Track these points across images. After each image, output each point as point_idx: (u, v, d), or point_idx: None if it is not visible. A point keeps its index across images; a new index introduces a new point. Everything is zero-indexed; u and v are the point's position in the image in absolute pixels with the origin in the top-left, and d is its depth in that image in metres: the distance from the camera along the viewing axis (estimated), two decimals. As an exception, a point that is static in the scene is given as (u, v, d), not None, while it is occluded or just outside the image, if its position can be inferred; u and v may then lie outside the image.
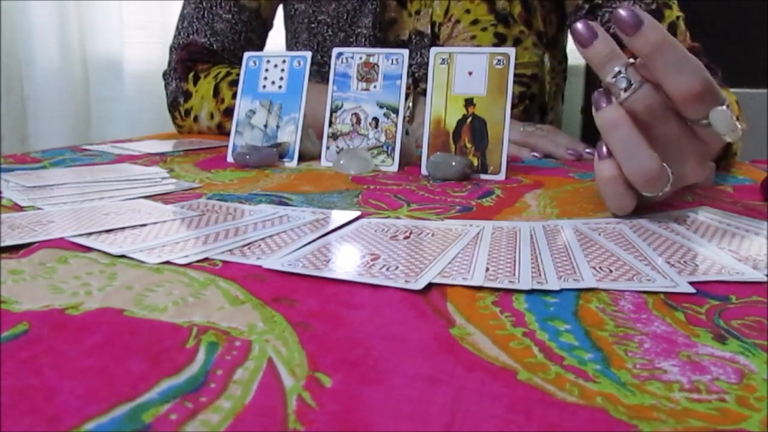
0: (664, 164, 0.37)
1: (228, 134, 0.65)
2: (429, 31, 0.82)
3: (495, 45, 0.81)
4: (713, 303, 0.26)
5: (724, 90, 0.64)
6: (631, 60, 0.38)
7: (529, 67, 0.84)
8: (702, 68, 0.36)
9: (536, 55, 0.85)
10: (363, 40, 0.83)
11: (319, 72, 0.87)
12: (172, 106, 0.89)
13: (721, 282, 0.28)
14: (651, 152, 0.37)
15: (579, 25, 0.38)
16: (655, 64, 0.36)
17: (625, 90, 0.37)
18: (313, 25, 0.88)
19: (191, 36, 0.89)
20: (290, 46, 0.95)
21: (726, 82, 0.72)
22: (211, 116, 0.84)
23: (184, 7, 0.91)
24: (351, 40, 0.85)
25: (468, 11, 0.81)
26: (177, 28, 0.91)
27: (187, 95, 0.86)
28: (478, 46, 0.81)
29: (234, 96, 0.65)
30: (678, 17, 0.76)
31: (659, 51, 0.35)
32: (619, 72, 0.37)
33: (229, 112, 0.80)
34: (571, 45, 0.97)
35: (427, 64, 0.82)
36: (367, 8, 0.83)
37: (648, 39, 0.35)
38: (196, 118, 0.86)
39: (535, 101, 0.87)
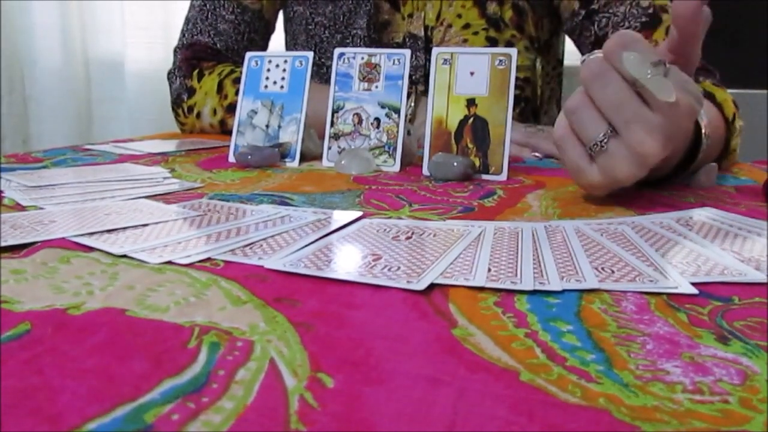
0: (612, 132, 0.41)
1: (230, 132, 0.65)
2: (422, 35, 0.83)
3: None
4: (716, 304, 0.26)
5: (721, 90, 0.64)
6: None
7: (521, 70, 0.84)
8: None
9: (528, 59, 0.85)
10: (359, 41, 0.84)
11: (317, 73, 0.87)
12: (176, 104, 0.90)
13: (724, 283, 0.28)
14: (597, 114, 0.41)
15: None
16: None
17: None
18: (310, 27, 0.88)
19: (195, 36, 0.89)
20: (289, 47, 0.96)
21: (725, 83, 0.72)
22: (214, 112, 0.84)
23: (188, 11, 0.92)
24: (347, 41, 0.85)
25: (460, 16, 0.82)
26: (181, 30, 0.92)
27: (191, 92, 0.87)
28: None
29: (237, 93, 0.65)
30: None
31: None
32: None
33: (232, 109, 0.80)
34: (568, 48, 0.98)
35: (422, 66, 0.83)
36: (362, 10, 0.83)
37: None
38: (198, 115, 0.86)
39: (528, 104, 0.87)
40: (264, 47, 0.95)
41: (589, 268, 0.29)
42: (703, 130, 0.50)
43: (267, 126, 0.63)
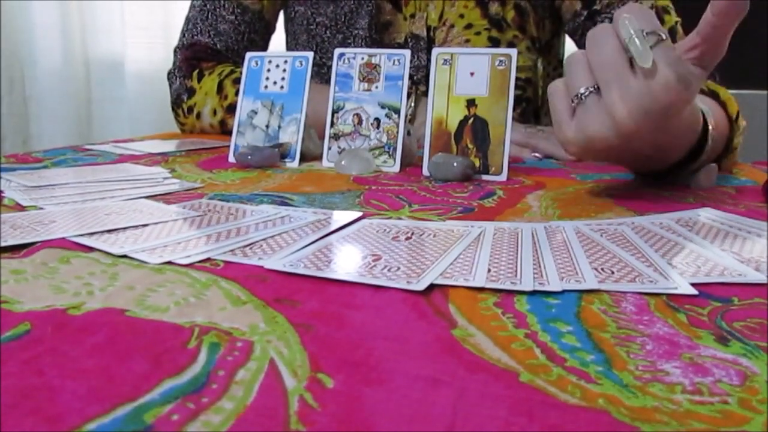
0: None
1: (230, 132, 0.65)
2: (425, 35, 0.83)
3: None
4: (715, 305, 0.26)
5: (720, 88, 0.64)
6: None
7: (523, 71, 0.84)
8: None
9: (530, 59, 0.85)
10: (360, 41, 0.84)
11: (318, 73, 0.87)
12: (176, 104, 0.90)
13: (724, 284, 0.28)
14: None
15: None
16: None
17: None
18: (311, 27, 0.88)
19: (195, 37, 0.89)
20: (290, 47, 0.96)
21: (726, 84, 0.72)
22: (214, 112, 0.84)
23: (189, 11, 0.92)
24: (349, 41, 0.85)
25: (462, 16, 0.82)
26: (182, 31, 0.92)
27: (191, 92, 0.87)
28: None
29: (237, 93, 0.65)
30: (677, 22, 0.76)
31: None
32: None
33: (232, 109, 0.80)
34: (568, 49, 0.98)
35: (424, 66, 0.83)
36: (363, 10, 0.83)
37: None
38: (198, 115, 0.86)
39: (530, 105, 0.88)
40: (264, 48, 0.95)
41: (589, 269, 0.29)
42: (710, 129, 0.50)
43: (267, 126, 0.63)
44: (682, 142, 0.49)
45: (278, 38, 0.98)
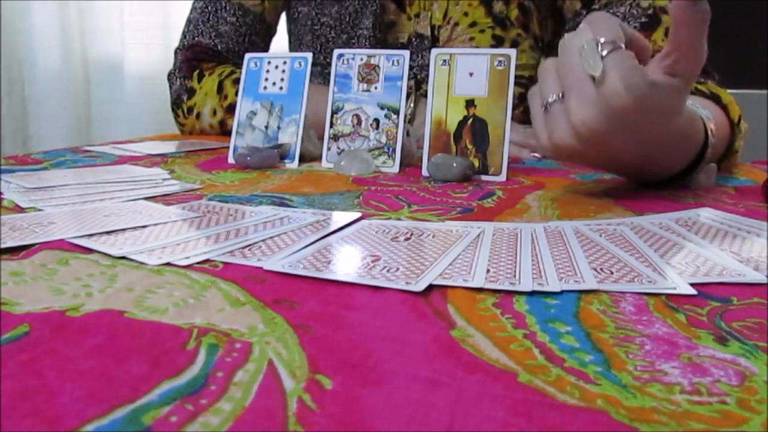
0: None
1: (229, 132, 0.65)
2: (429, 34, 0.83)
3: (493, 47, 0.81)
4: (714, 305, 0.26)
5: (721, 91, 0.64)
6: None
7: (527, 69, 0.84)
8: None
9: (533, 57, 0.85)
10: (364, 41, 0.84)
11: (322, 73, 0.87)
12: (176, 104, 0.90)
13: (723, 284, 0.28)
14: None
15: None
16: None
17: None
18: (316, 27, 0.88)
19: (196, 38, 0.90)
20: (294, 48, 0.96)
21: (726, 84, 0.72)
22: (214, 113, 0.84)
23: (190, 13, 0.92)
24: (353, 41, 0.85)
25: (466, 14, 0.82)
26: (183, 32, 0.92)
27: (191, 92, 0.87)
28: (477, 47, 0.81)
29: (237, 93, 0.65)
30: None
31: None
32: None
33: (232, 109, 0.80)
34: None
35: (428, 66, 0.83)
36: (368, 10, 0.83)
37: None
38: (198, 115, 0.86)
39: None
40: (265, 49, 0.95)
41: (588, 269, 0.29)
42: (710, 135, 0.50)
43: (266, 127, 0.63)
44: (679, 154, 0.49)
45: (279, 40, 0.98)
